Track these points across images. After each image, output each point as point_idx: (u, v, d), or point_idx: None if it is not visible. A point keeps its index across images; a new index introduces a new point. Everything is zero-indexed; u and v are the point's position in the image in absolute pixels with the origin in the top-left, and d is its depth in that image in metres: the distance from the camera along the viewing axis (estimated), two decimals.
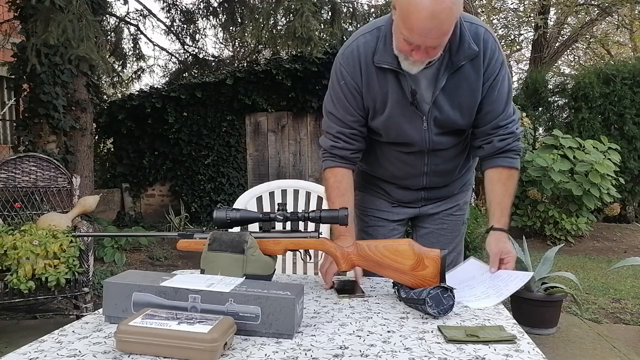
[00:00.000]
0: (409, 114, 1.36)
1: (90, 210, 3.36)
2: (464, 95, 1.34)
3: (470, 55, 1.29)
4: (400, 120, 1.37)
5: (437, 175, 1.50)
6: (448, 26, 1.15)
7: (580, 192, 5.26)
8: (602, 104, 6.53)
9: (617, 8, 9.19)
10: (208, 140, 6.79)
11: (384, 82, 1.33)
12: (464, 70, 1.31)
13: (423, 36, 1.14)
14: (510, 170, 1.41)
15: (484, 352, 0.92)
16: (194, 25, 8.44)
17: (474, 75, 1.32)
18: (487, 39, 1.32)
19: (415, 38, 1.15)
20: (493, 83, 1.35)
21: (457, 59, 1.28)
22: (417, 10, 1.11)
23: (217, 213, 1.24)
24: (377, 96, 1.35)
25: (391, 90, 1.33)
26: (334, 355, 0.89)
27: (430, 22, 1.11)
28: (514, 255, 1.37)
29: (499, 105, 1.38)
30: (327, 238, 1.25)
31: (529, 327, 2.90)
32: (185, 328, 0.87)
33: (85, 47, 3.47)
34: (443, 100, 1.34)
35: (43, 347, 0.91)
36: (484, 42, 1.31)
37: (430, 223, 1.61)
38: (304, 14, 4.26)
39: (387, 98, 1.34)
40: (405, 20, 1.14)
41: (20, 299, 2.64)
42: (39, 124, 4.74)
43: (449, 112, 1.36)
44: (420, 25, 1.12)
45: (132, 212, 6.92)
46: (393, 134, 1.41)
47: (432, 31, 1.13)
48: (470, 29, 1.29)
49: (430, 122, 1.37)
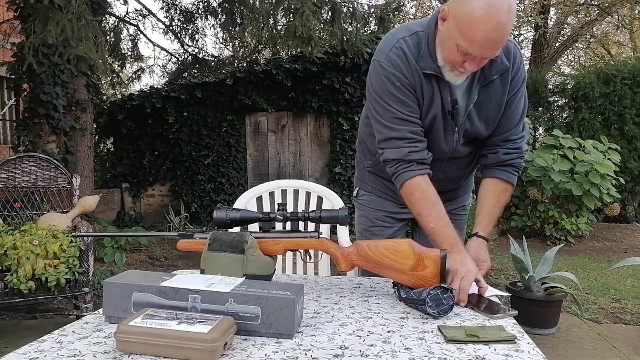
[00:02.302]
0: (446, 123, 1.37)
1: (90, 210, 3.36)
2: (492, 108, 1.36)
3: (501, 70, 1.30)
4: (439, 127, 1.37)
5: (450, 181, 1.53)
6: (506, 37, 1.16)
7: (580, 192, 5.26)
8: (602, 104, 6.54)
9: (617, 8, 9.19)
10: (208, 140, 6.79)
11: (429, 88, 1.31)
12: (494, 85, 1.33)
13: (485, 48, 1.15)
14: (506, 184, 1.45)
15: (484, 352, 0.92)
16: (194, 25, 8.44)
17: (501, 89, 1.34)
18: (516, 54, 1.34)
19: (475, 50, 1.15)
20: (512, 97, 1.37)
21: (489, 73, 1.30)
22: (481, 22, 1.10)
23: (217, 213, 1.24)
24: (422, 100, 1.33)
25: (436, 96, 1.32)
26: (334, 355, 0.89)
27: (494, 34, 1.12)
28: (488, 264, 1.41)
29: (513, 120, 1.40)
30: (327, 238, 1.25)
31: (529, 327, 2.90)
32: (185, 328, 0.87)
33: (84, 46, 3.48)
34: (473, 112, 1.36)
35: (43, 347, 0.91)
36: (514, 58, 1.33)
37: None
38: (304, 14, 4.26)
39: (432, 104, 1.33)
40: (466, 32, 1.13)
41: (20, 299, 2.63)
42: (39, 124, 4.74)
43: (477, 124, 1.38)
44: (483, 37, 1.12)
45: (132, 212, 6.92)
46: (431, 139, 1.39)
47: (495, 43, 1.15)
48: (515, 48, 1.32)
49: (460, 133, 1.39)
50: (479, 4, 1.10)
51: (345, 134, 6.39)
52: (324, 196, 1.96)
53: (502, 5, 1.09)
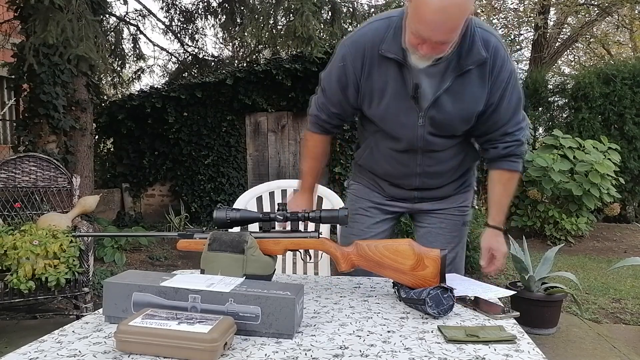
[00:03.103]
0: (407, 108, 1.37)
1: (90, 210, 3.36)
2: (466, 100, 1.35)
3: (478, 61, 1.30)
4: (397, 111, 1.38)
5: (430, 176, 1.51)
6: (456, 22, 1.16)
7: (580, 192, 5.26)
8: (602, 104, 6.53)
9: (617, 8, 9.19)
10: (208, 140, 6.79)
11: (385, 72, 1.34)
12: (470, 76, 1.32)
13: (431, 29, 1.15)
14: (511, 173, 1.47)
15: (484, 352, 0.92)
16: (194, 25, 8.44)
17: (479, 83, 1.33)
18: (498, 48, 1.33)
19: (423, 31, 1.17)
20: (503, 93, 1.36)
21: (465, 62, 1.30)
22: (428, 3, 1.13)
23: (217, 213, 1.24)
24: (376, 84, 1.36)
25: (391, 81, 1.34)
26: (334, 355, 0.89)
27: (440, 16, 1.13)
28: (503, 252, 1.46)
29: (507, 115, 1.40)
30: (327, 238, 1.25)
31: (529, 327, 2.90)
32: (185, 328, 0.87)
33: (85, 46, 3.48)
34: (444, 100, 1.35)
35: (43, 347, 0.91)
36: (494, 51, 1.32)
37: (428, 222, 1.62)
38: (304, 14, 4.26)
39: (386, 88, 1.35)
40: (417, 12, 1.16)
41: (20, 299, 2.63)
42: (39, 124, 4.74)
43: (447, 114, 1.37)
44: (429, 18, 1.14)
45: (132, 212, 6.92)
46: (388, 125, 1.42)
47: (441, 25, 1.14)
48: (482, 36, 1.31)
49: (426, 119, 1.38)
50: None
51: (345, 133, 6.38)
52: (323, 196, 1.96)
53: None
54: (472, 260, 4.02)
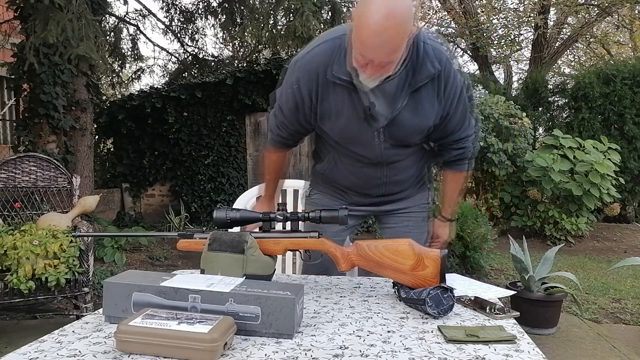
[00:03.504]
0: (364, 127, 1.37)
1: (90, 210, 3.36)
2: (421, 114, 1.36)
3: (430, 76, 1.30)
4: (355, 131, 1.39)
5: (394, 184, 1.56)
6: (397, 43, 1.14)
7: (580, 192, 5.26)
8: (602, 104, 6.54)
9: (617, 8, 9.19)
10: (208, 140, 6.79)
11: (340, 94, 1.32)
12: (423, 91, 1.32)
13: (373, 52, 1.15)
14: (461, 173, 1.61)
15: (484, 352, 0.92)
16: (194, 25, 8.43)
17: (432, 97, 1.34)
18: (448, 62, 1.32)
19: (366, 53, 1.16)
20: (453, 105, 1.39)
21: (419, 77, 1.30)
22: (367, 25, 1.11)
23: (217, 213, 1.24)
24: (332, 106, 1.35)
25: (346, 103, 1.33)
26: (334, 355, 0.89)
27: (380, 38, 1.12)
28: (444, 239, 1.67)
29: (457, 124, 1.45)
30: (327, 238, 1.25)
31: (529, 327, 2.91)
32: (185, 328, 0.87)
33: (85, 46, 3.47)
34: (401, 117, 1.35)
35: (43, 347, 0.91)
36: (444, 65, 1.31)
37: (394, 222, 1.64)
38: (304, 14, 4.26)
39: (342, 109, 1.35)
40: (357, 35, 1.15)
41: (20, 299, 2.63)
42: (39, 124, 4.74)
43: (404, 129, 1.39)
44: (369, 41, 1.13)
45: (132, 212, 6.92)
46: (349, 143, 1.44)
47: (381, 47, 1.13)
48: (432, 50, 1.30)
49: (382, 136, 1.39)
50: (368, 6, 1.12)
51: None
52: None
53: (390, 10, 1.10)
54: (472, 260, 4.02)
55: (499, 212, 6.03)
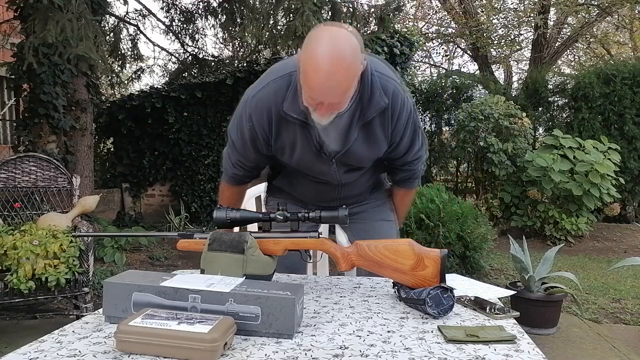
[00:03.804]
0: (318, 158, 1.40)
1: (90, 210, 3.36)
2: (372, 144, 1.38)
3: (380, 108, 1.30)
4: (310, 162, 1.41)
5: (350, 197, 1.59)
6: (346, 86, 1.15)
7: (580, 192, 5.26)
8: (602, 104, 6.53)
9: (617, 8, 9.19)
10: (208, 140, 6.79)
11: (293, 130, 1.33)
12: (373, 122, 1.33)
13: (323, 95, 1.14)
14: (408, 191, 1.67)
15: (484, 352, 0.92)
16: (194, 25, 8.42)
17: (382, 127, 1.35)
18: (397, 92, 1.32)
19: (316, 96, 1.15)
20: (402, 135, 1.40)
21: (368, 112, 1.30)
22: (315, 70, 1.11)
23: (217, 213, 1.24)
24: (286, 141, 1.36)
25: (299, 137, 1.34)
26: (334, 355, 0.89)
27: (328, 83, 1.11)
28: None
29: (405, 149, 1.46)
30: (327, 238, 1.25)
31: (529, 327, 2.91)
32: (185, 328, 0.87)
33: (84, 46, 3.47)
34: (353, 148, 1.37)
35: (43, 347, 0.91)
36: (393, 97, 1.31)
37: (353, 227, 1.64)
38: (304, 13, 4.25)
39: (295, 143, 1.35)
40: (306, 78, 1.14)
41: (20, 299, 2.64)
42: (39, 124, 4.74)
43: (356, 158, 1.41)
44: (318, 86, 1.13)
45: (132, 212, 6.92)
46: (306, 171, 1.47)
47: (331, 91, 1.13)
48: (381, 82, 1.29)
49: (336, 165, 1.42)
50: (314, 52, 1.11)
51: None
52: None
53: (336, 54, 1.09)
54: (472, 260, 4.02)
55: (499, 212, 6.03)
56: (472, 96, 7.44)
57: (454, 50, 13.35)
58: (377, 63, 1.31)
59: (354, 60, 1.13)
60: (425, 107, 7.86)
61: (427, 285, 1.17)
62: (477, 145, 5.91)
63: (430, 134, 8.04)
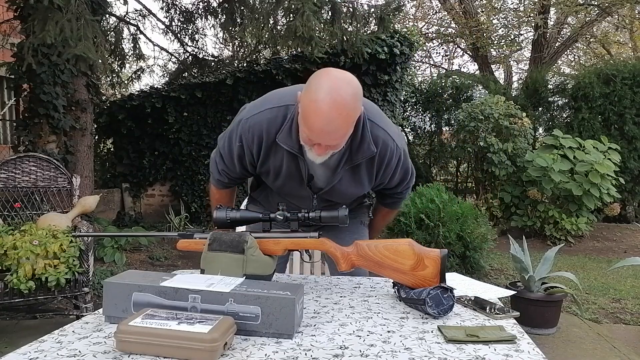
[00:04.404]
0: (301, 189, 1.41)
1: (90, 210, 3.36)
2: (356, 185, 1.41)
3: (368, 155, 1.32)
4: (291, 189, 1.43)
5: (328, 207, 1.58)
6: (345, 130, 1.19)
7: (580, 192, 5.26)
8: (602, 104, 6.54)
9: (617, 8, 9.19)
10: (208, 140, 6.78)
11: (281, 157, 1.35)
12: (361, 167, 1.36)
13: (321, 138, 1.17)
14: (392, 210, 1.72)
15: (484, 352, 0.92)
16: (194, 25, 8.42)
17: (368, 171, 1.38)
18: (386, 142, 1.34)
19: (314, 138, 1.18)
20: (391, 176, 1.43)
21: (356, 157, 1.32)
22: (316, 114, 1.13)
23: (217, 213, 1.24)
24: (272, 167, 1.38)
25: (286, 163, 1.36)
26: (334, 355, 0.89)
27: (328, 127, 1.14)
28: None
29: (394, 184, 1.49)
30: (327, 238, 1.25)
31: (529, 327, 2.91)
32: (185, 328, 0.87)
33: (83, 45, 3.46)
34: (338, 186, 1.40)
35: (43, 347, 0.91)
36: (382, 146, 1.34)
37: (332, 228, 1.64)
38: (304, 14, 4.25)
39: (281, 169, 1.37)
40: (306, 120, 1.17)
41: (20, 299, 2.63)
42: (39, 124, 4.74)
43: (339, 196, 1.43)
44: (317, 128, 1.15)
45: (132, 212, 6.91)
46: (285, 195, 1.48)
47: (330, 134, 1.17)
48: (372, 130, 1.31)
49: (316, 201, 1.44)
50: (316, 96, 1.13)
51: None
52: None
53: (336, 101, 1.12)
54: (472, 260, 4.02)
55: (499, 212, 6.03)
56: (472, 96, 7.44)
57: (454, 50, 13.36)
58: (371, 109, 1.34)
59: (354, 106, 1.17)
60: (425, 107, 7.86)
61: (427, 285, 1.17)
62: (477, 145, 5.91)
63: (430, 134, 8.06)
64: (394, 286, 1.26)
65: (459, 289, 1.25)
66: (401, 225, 4.06)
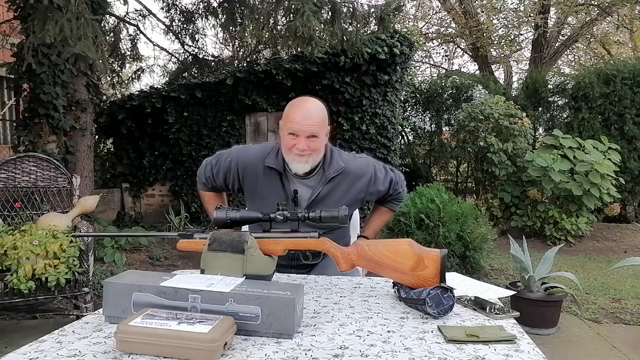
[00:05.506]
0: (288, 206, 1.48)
1: (90, 210, 3.36)
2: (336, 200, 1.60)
3: (338, 170, 1.60)
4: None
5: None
6: (319, 116, 1.52)
7: (580, 192, 5.26)
8: (602, 104, 6.53)
9: (617, 8, 9.19)
10: (208, 140, 6.79)
11: (268, 180, 1.62)
12: (335, 181, 1.61)
13: (300, 123, 1.48)
14: (389, 210, 1.84)
15: (484, 352, 0.92)
16: (194, 25, 8.41)
17: (346, 188, 1.62)
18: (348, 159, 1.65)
19: (294, 126, 1.49)
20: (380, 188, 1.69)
21: (328, 172, 1.60)
22: (295, 106, 1.53)
23: (217, 213, 1.24)
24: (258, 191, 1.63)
25: (272, 188, 1.61)
26: (334, 355, 0.89)
27: (305, 113, 1.50)
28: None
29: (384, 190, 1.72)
30: (327, 238, 1.25)
31: (529, 327, 2.90)
32: (185, 328, 0.87)
33: (83, 45, 3.46)
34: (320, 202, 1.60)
35: (43, 347, 0.91)
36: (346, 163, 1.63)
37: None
38: (304, 14, 4.25)
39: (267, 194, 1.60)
40: (287, 115, 1.52)
41: (20, 299, 2.63)
42: (39, 124, 4.74)
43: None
44: (296, 116, 1.49)
45: (132, 212, 6.92)
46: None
47: (308, 119, 1.49)
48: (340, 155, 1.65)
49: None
50: (293, 101, 1.55)
51: (345, 134, 6.38)
52: None
53: (309, 98, 1.55)
54: (472, 260, 4.02)
55: (499, 212, 6.03)
56: (472, 96, 7.44)
57: (454, 50, 13.35)
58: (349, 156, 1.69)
59: (324, 108, 1.56)
60: (425, 107, 7.86)
61: (427, 285, 1.17)
62: (477, 145, 5.91)
63: (430, 134, 8.06)
64: (394, 286, 1.26)
65: (459, 289, 1.25)
66: (401, 225, 4.06)
